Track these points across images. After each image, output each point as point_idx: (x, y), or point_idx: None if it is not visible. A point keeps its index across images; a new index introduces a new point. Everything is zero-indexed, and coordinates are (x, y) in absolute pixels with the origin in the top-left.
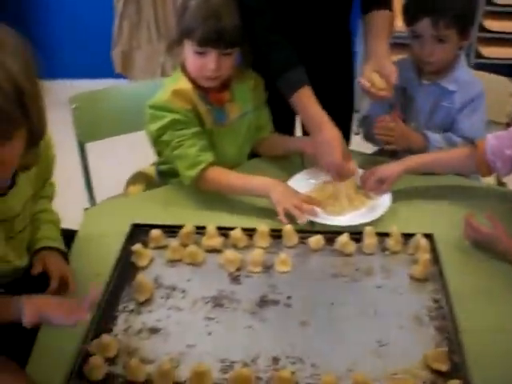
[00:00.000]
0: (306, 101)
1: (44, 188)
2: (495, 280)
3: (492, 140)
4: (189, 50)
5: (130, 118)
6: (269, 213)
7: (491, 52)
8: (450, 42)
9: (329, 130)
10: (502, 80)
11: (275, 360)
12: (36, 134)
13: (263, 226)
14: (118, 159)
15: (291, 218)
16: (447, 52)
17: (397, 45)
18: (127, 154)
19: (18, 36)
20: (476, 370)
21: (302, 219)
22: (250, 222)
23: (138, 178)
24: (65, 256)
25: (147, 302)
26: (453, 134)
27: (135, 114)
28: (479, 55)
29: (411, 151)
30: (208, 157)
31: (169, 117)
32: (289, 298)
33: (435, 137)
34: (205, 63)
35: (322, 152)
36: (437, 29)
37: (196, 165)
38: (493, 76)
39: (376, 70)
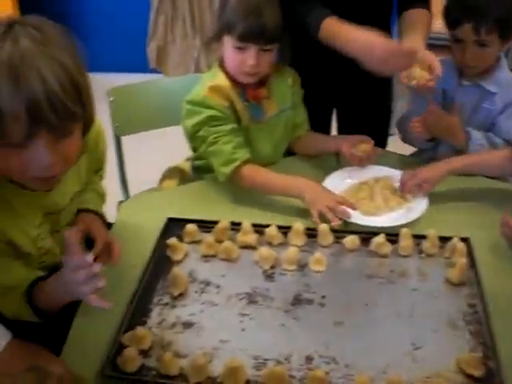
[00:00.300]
0: (337, 27)
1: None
2: None
3: None
4: (228, 46)
5: (165, 113)
6: (304, 211)
7: None
8: (491, 46)
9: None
10: None
11: (308, 359)
12: (88, 124)
13: (298, 224)
14: (152, 153)
15: (325, 220)
16: (489, 56)
17: (436, 46)
18: (161, 149)
19: (64, 30)
20: (511, 377)
21: (336, 222)
22: (285, 220)
23: (173, 172)
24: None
25: (181, 295)
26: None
27: (171, 108)
28: None
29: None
30: (243, 154)
31: (205, 113)
32: (323, 297)
33: (477, 135)
34: (244, 59)
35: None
36: (478, 34)
37: (231, 162)
38: None
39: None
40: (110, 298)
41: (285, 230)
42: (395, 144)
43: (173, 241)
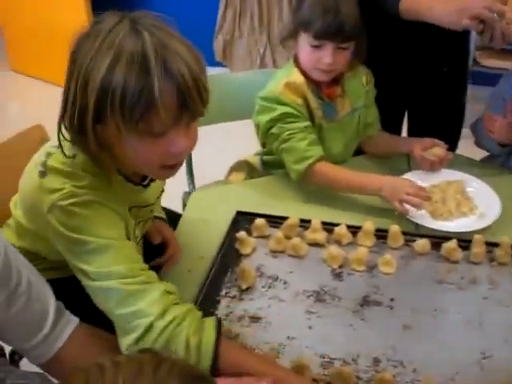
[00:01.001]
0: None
1: None
2: None
3: None
4: (304, 43)
5: (231, 108)
6: (375, 211)
7: None
8: None
9: None
10: None
11: (376, 361)
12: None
13: (369, 224)
14: (216, 148)
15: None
16: None
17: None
18: (230, 143)
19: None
20: None
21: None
22: (354, 219)
23: (241, 166)
24: None
25: (249, 289)
26: None
27: (237, 103)
28: None
29: None
30: (317, 151)
31: (280, 109)
32: (392, 300)
33: None
34: (320, 56)
35: None
36: None
37: (305, 159)
38: None
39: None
40: (179, 288)
41: (354, 229)
42: (465, 148)
43: (242, 234)
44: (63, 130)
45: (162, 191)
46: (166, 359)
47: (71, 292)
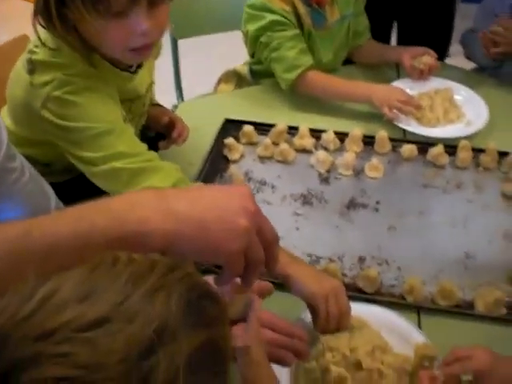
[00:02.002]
0: None
1: None
2: None
3: None
4: None
5: (224, 17)
6: (363, 117)
7: None
8: None
9: None
10: None
11: (361, 259)
12: None
13: (356, 130)
14: (210, 58)
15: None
16: None
17: None
18: (219, 53)
19: None
20: None
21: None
22: (342, 126)
23: (230, 76)
24: None
25: None
26: None
27: (230, 12)
28: None
29: None
30: (307, 60)
31: (268, 17)
32: (377, 202)
33: None
34: None
35: None
36: None
37: (295, 68)
38: None
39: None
40: None
41: (342, 135)
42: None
43: (230, 140)
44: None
45: (152, 83)
46: (182, 267)
47: (71, 194)
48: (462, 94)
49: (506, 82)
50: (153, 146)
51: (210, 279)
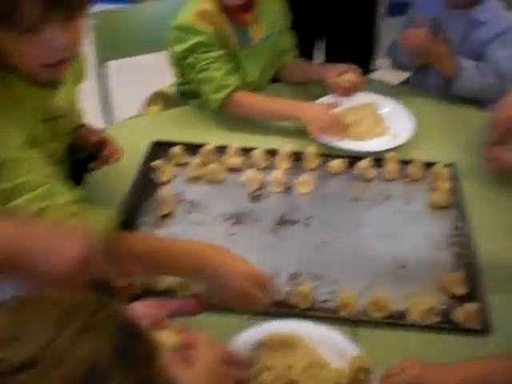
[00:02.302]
0: None
1: None
2: None
3: None
4: None
5: (149, 38)
6: (291, 134)
7: None
8: None
9: None
10: None
11: (294, 276)
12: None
13: (285, 147)
14: (137, 79)
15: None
16: None
17: None
18: (146, 75)
19: None
20: (491, 296)
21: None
22: (272, 143)
23: (158, 97)
24: None
25: (168, 216)
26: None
27: (155, 34)
28: None
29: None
30: (234, 80)
31: (193, 39)
32: (308, 218)
33: (467, 64)
34: None
35: None
36: None
37: (223, 88)
38: None
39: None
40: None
41: (271, 153)
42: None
43: (158, 162)
44: None
45: (77, 101)
46: (110, 306)
47: None
48: (388, 107)
49: (430, 94)
50: (84, 167)
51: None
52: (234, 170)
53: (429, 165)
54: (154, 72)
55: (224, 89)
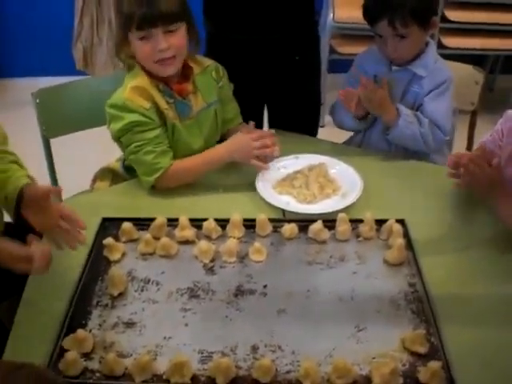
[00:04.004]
0: None
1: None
2: (467, 263)
3: None
4: (134, 40)
5: (93, 113)
6: (241, 202)
7: (453, 42)
8: (411, 37)
9: None
10: (466, 68)
11: (254, 349)
12: None
13: (236, 216)
14: (83, 155)
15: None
16: (411, 47)
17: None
18: (92, 150)
19: None
20: (454, 351)
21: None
22: (221, 213)
23: (104, 173)
24: None
25: (121, 295)
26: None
27: (98, 108)
28: (442, 45)
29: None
30: (165, 162)
31: (127, 118)
32: (265, 286)
33: (406, 111)
34: (153, 46)
35: None
36: (395, 28)
37: (154, 172)
38: (458, 64)
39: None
40: (48, 301)
41: (223, 222)
42: (326, 136)
43: (109, 241)
44: None
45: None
46: (29, 365)
47: None
48: (336, 168)
49: (375, 150)
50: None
51: None
52: (186, 242)
53: (380, 222)
54: (101, 147)
55: (155, 172)
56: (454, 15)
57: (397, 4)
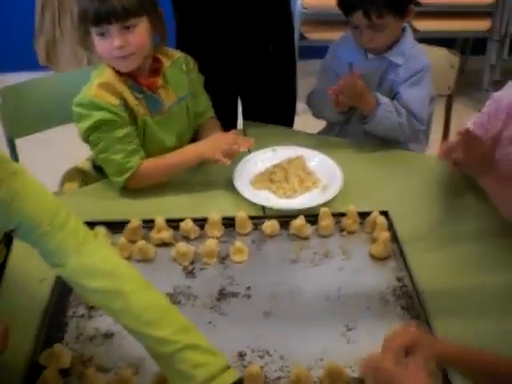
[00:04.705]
0: None
1: None
2: (454, 255)
3: None
4: (94, 36)
5: (60, 111)
6: (219, 200)
7: (425, 25)
8: (387, 27)
9: None
10: (441, 52)
11: (241, 355)
12: None
13: (214, 215)
14: (51, 155)
15: None
16: (387, 37)
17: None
18: (60, 149)
19: None
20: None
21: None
22: (199, 212)
23: (74, 174)
24: None
25: None
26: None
27: (65, 106)
28: (413, 30)
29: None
30: (136, 161)
31: (95, 116)
32: (248, 288)
33: (385, 100)
34: (110, 43)
35: None
36: (370, 19)
37: (124, 172)
38: (433, 48)
39: None
40: (21, 315)
41: (201, 222)
42: (301, 124)
43: None
44: None
45: None
46: None
47: None
48: (315, 160)
49: (353, 140)
50: None
51: None
52: (164, 244)
53: (363, 215)
54: (69, 146)
55: (125, 172)
56: None
57: None
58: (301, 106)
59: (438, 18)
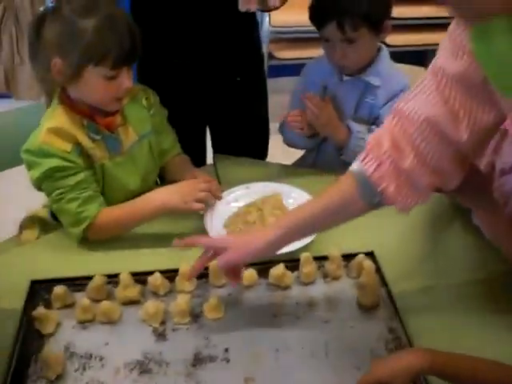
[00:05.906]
0: None
1: None
2: (444, 293)
3: None
4: (95, 77)
5: (16, 151)
6: (187, 250)
7: (394, 40)
8: (361, 41)
9: None
10: (418, 70)
11: None
12: None
13: (185, 266)
14: (8, 197)
15: None
16: (361, 52)
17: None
18: (18, 191)
19: None
20: None
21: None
22: (167, 263)
23: (31, 221)
24: None
25: (60, 378)
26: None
27: (12, 150)
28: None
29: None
30: (93, 209)
31: (46, 164)
32: (226, 350)
33: (358, 127)
34: (119, 84)
35: None
36: (344, 32)
37: (79, 222)
38: (410, 67)
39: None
40: None
41: (170, 274)
42: (273, 150)
43: (40, 311)
44: None
45: None
46: None
47: None
48: (293, 197)
49: (329, 169)
50: None
51: None
52: (130, 303)
53: (348, 257)
54: (24, 192)
55: (82, 222)
56: (396, 11)
57: (347, 6)
58: (273, 125)
59: (408, 32)
